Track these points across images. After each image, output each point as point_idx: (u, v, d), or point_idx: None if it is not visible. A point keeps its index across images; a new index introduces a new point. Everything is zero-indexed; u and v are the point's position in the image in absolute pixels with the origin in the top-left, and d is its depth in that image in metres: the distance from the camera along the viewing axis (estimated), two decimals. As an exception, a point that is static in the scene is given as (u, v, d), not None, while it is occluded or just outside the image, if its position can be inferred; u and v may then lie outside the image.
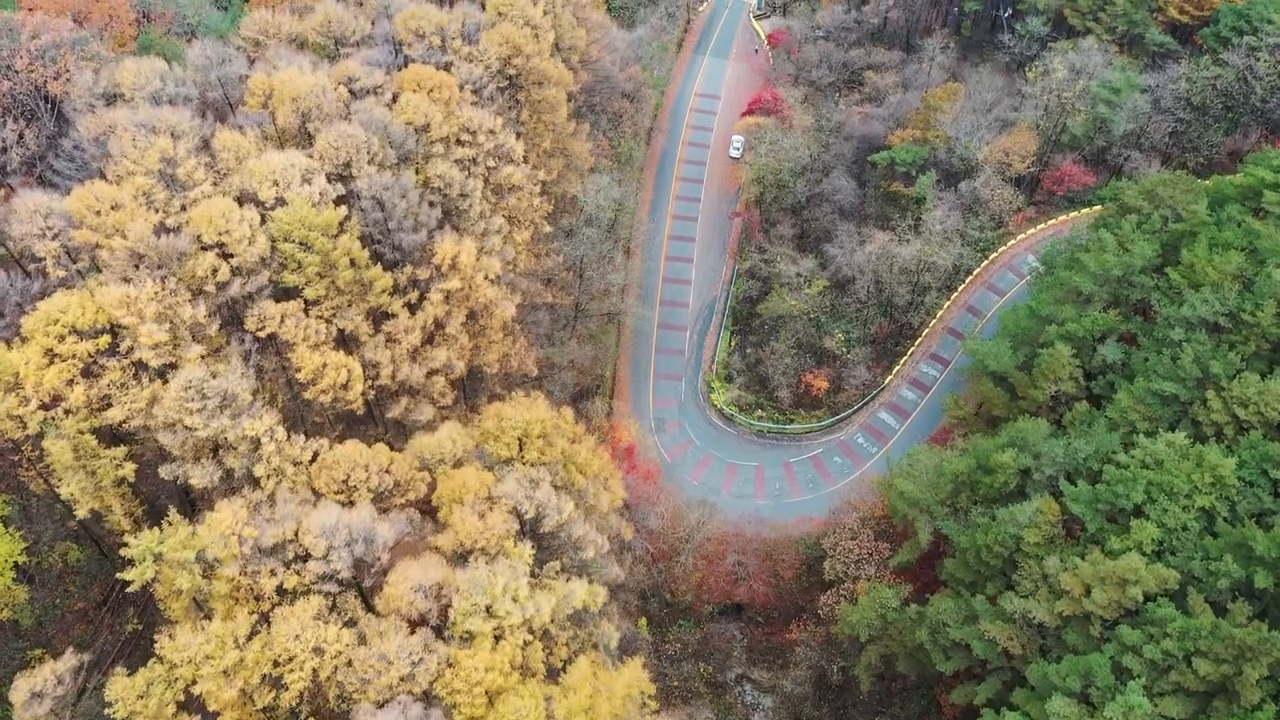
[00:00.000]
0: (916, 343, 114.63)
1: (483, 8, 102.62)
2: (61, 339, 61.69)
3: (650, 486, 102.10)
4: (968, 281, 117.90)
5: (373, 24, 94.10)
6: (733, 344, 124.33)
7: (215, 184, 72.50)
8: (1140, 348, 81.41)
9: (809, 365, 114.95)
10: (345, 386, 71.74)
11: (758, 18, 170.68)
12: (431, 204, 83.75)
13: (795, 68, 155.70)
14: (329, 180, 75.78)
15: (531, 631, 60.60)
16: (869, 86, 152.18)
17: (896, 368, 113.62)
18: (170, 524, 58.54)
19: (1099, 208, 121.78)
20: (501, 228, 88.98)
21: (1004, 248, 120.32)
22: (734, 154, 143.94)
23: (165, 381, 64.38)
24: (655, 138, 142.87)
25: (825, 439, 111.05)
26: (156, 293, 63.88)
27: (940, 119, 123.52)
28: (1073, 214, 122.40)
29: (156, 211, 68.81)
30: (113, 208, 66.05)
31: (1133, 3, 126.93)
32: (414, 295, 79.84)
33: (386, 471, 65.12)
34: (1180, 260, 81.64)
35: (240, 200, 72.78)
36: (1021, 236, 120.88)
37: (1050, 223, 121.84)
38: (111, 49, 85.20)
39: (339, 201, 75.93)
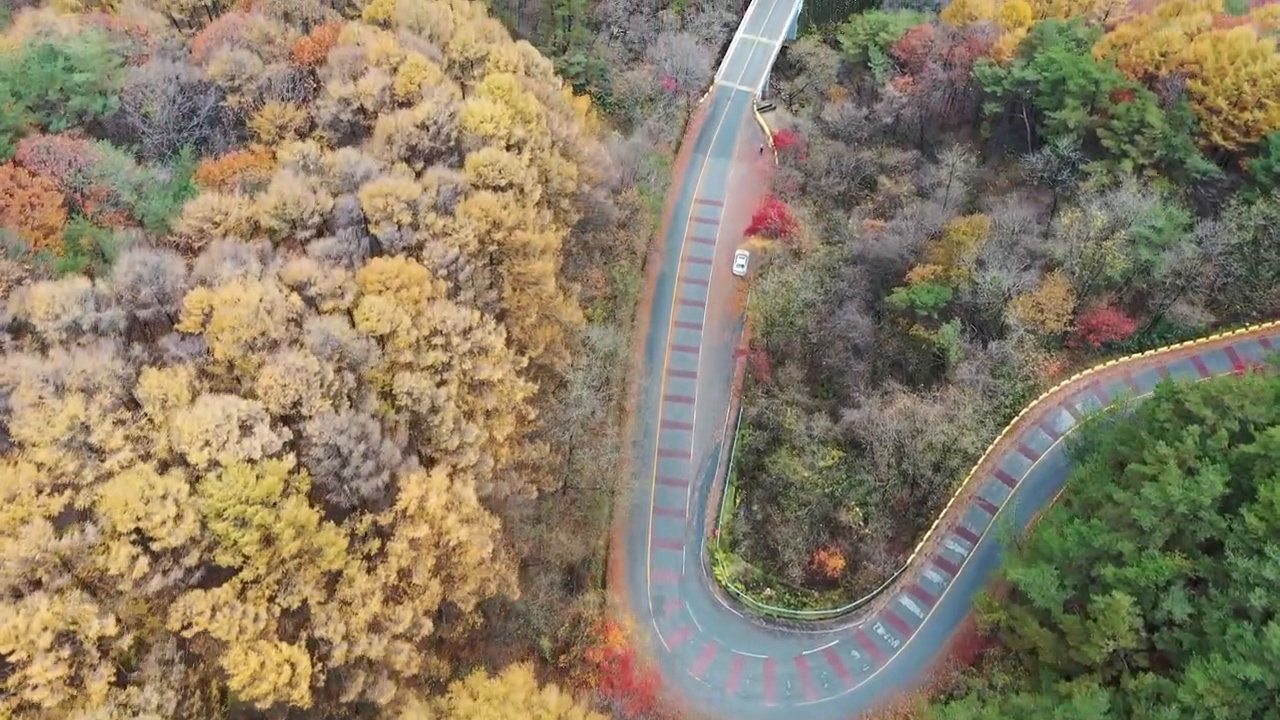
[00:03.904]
0: (941, 515, 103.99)
1: (461, 163, 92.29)
2: (-66, 683, 51.12)
3: (648, 700, 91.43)
4: (996, 442, 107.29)
5: (335, 197, 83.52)
6: (738, 500, 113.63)
7: (138, 442, 61.85)
8: (1211, 600, 70.83)
9: (823, 540, 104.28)
10: (291, 683, 61.02)
11: (761, 110, 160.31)
12: (396, 425, 73.27)
13: (803, 175, 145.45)
14: (274, 425, 65.29)
15: None
16: (882, 194, 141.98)
17: (919, 544, 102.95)
18: None
19: (1137, 355, 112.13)
20: (478, 437, 78.36)
21: (1035, 402, 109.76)
22: (738, 271, 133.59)
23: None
24: (652, 258, 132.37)
25: (841, 628, 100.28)
26: (55, 614, 53.19)
27: (964, 255, 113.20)
28: (1109, 362, 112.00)
29: (62, 491, 58.21)
30: (7, 500, 55.41)
31: (1172, 126, 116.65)
32: (374, 545, 69.19)
33: (331, 823, 54.41)
34: (1257, 498, 71.16)
35: (168, 461, 62.30)
36: (1054, 389, 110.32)
37: (1085, 373, 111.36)
38: (34, 243, 74.54)
39: (287, 447, 65.36)
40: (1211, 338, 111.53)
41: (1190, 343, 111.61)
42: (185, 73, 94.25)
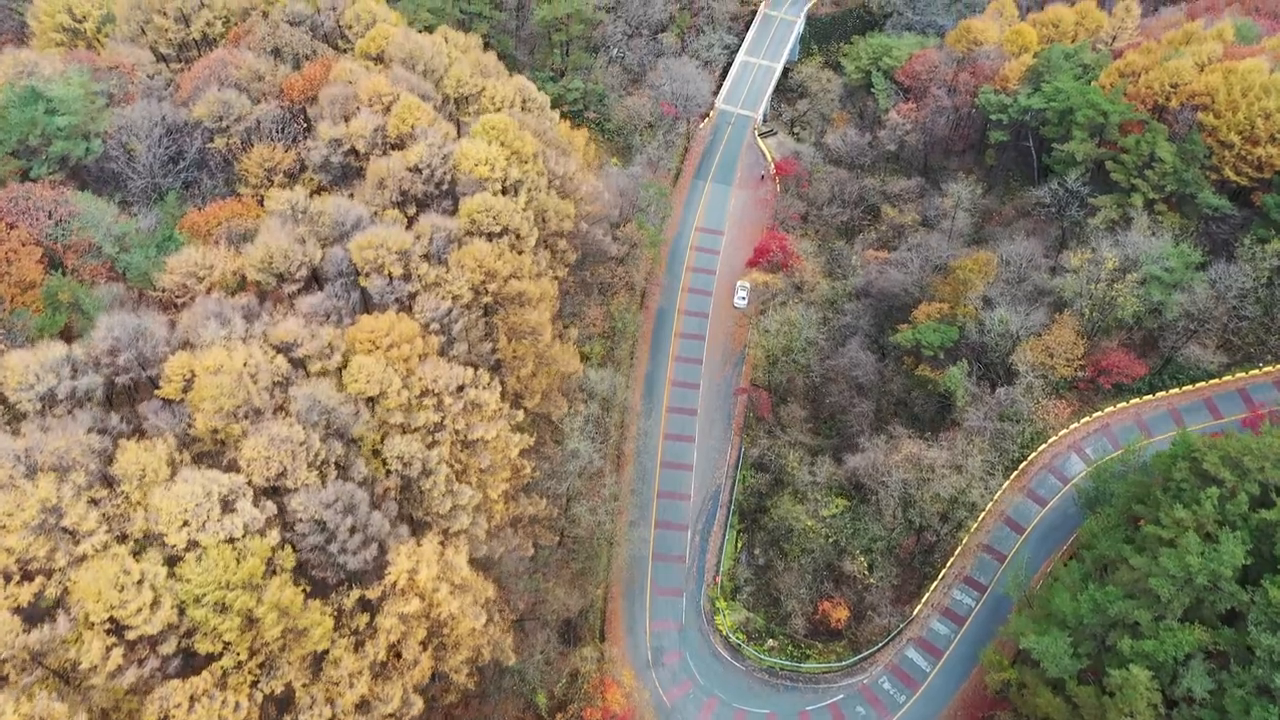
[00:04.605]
0: (948, 564, 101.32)
1: (455, 207, 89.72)
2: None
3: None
4: (1004, 487, 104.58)
5: (325, 247, 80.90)
6: (739, 545, 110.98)
7: (114, 521, 59.17)
8: (1233, 676, 68.14)
9: (826, 590, 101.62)
10: (272, 775, 58.40)
11: (763, 135, 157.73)
12: (386, 491, 70.64)
13: (805, 204, 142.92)
14: (257, 499, 62.66)
15: None
16: (886, 223, 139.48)
17: (925, 595, 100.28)
18: None
19: (1148, 397, 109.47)
20: (472, 499, 75.67)
21: (1044, 445, 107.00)
22: (739, 304, 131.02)
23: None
24: (651, 292, 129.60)
25: (846, 682, 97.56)
26: (23, 716, 50.49)
27: (970, 294, 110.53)
28: (1120, 404, 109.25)
29: (32, 579, 55.54)
30: (-27, 593, 52.82)
31: (1183, 160, 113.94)
32: (362, 620, 66.53)
33: None
34: (1279, 568, 68.49)
35: (146, 540, 59.64)
36: (1064, 432, 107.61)
37: (1095, 415, 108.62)
38: (10, 300, 71.88)
39: (270, 521, 62.68)
40: (1224, 379, 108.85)
41: (1202, 384, 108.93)
42: (171, 113, 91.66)
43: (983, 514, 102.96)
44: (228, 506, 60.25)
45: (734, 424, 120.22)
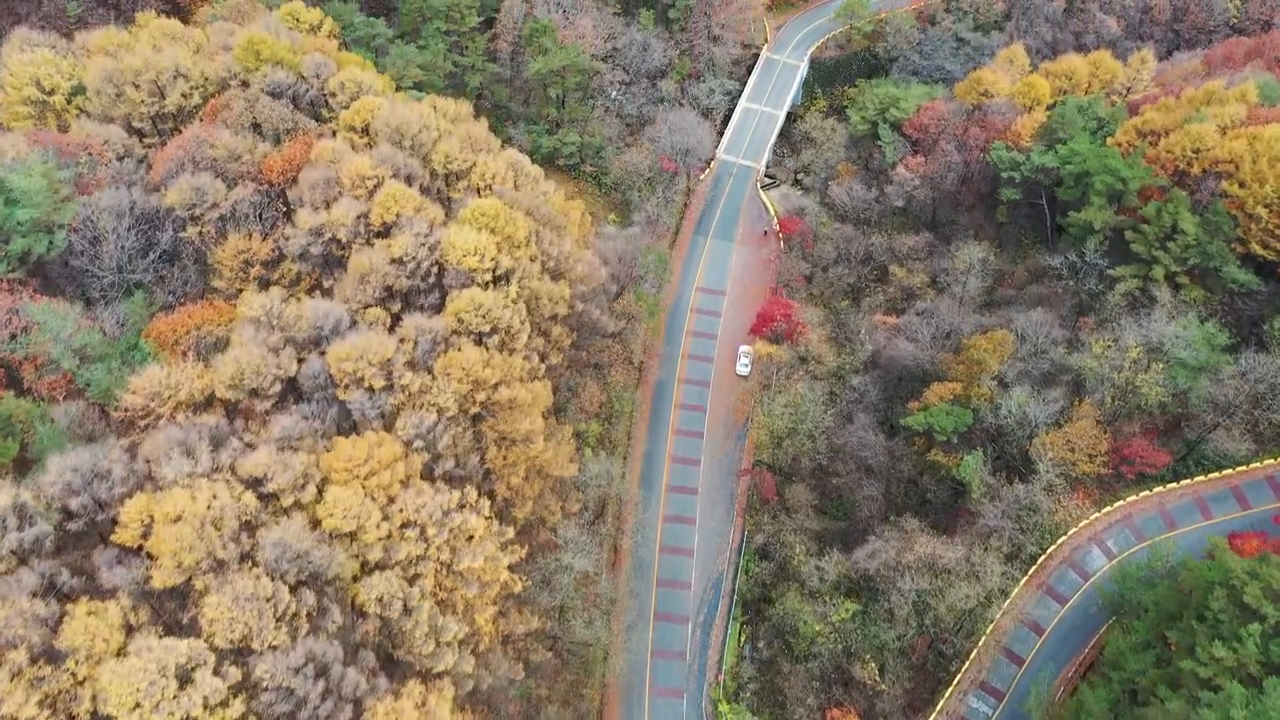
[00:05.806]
0: (963, 668, 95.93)
1: (443, 302, 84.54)
2: None
3: None
4: (1022, 583, 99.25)
5: (301, 358, 75.58)
6: (742, 639, 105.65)
7: (58, 702, 53.79)
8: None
9: (835, 696, 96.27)
10: None
11: (765, 187, 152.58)
12: (365, 638, 65.30)
13: (810, 264, 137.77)
14: (220, 663, 57.26)
15: None
16: (894, 284, 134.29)
17: (940, 702, 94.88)
18: None
19: (1172, 485, 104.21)
20: (456, 634, 70.34)
21: (1064, 538, 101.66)
22: (742, 371, 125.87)
23: None
24: (649, 364, 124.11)
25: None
26: None
27: (984, 374, 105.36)
28: (1142, 492, 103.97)
29: (-35, 779, 50.17)
30: (-105, 803, 47.45)
31: (1206, 232, 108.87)
32: (336, 788, 61.13)
33: None
34: (1330, 725, 63.23)
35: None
36: (1084, 524, 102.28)
37: (1117, 505, 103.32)
38: (-40, 424, 66.69)
39: (234, 691, 57.33)
40: (1252, 465, 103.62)
41: (1229, 471, 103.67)
42: (141, 200, 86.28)
43: (1000, 613, 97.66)
44: (185, 680, 54.89)
45: (736, 505, 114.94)
